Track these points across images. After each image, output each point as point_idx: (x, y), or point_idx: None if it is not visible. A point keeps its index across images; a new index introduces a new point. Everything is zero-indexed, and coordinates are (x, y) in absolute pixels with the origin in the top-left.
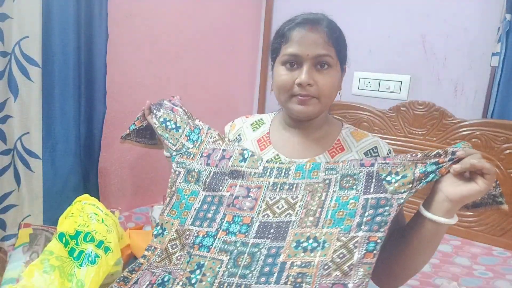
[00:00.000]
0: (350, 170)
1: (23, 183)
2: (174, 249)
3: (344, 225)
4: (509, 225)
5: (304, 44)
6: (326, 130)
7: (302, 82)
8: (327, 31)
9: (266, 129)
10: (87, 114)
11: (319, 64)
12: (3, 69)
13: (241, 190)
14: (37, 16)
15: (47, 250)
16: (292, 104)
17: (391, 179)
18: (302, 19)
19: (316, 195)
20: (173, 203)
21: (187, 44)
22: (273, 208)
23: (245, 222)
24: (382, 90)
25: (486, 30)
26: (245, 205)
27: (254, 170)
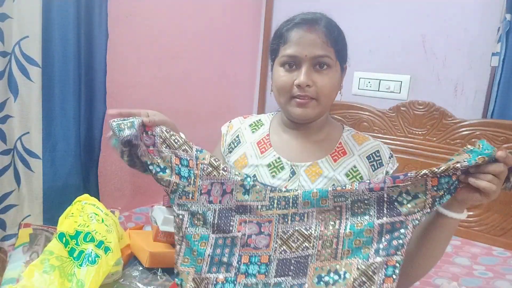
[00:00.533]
0: (359, 196)
1: (23, 183)
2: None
3: (363, 253)
4: (509, 225)
5: (302, 45)
6: (327, 132)
7: (300, 83)
8: (325, 31)
9: (266, 130)
10: (87, 114)
11: (318, 64)
12: (3, 69)
13: (252, 227)
14: (37, 16)
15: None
16: (291, 107)
17: (403, 200)
18: (300, 19)
19: (329, 223)
20: (184, 251)
21: (187, 44)
22: (288, 243)
23: (263, 261)
24: (382, 90)
25: (486, 30)
26: (260, 243)
27: (261, 203)
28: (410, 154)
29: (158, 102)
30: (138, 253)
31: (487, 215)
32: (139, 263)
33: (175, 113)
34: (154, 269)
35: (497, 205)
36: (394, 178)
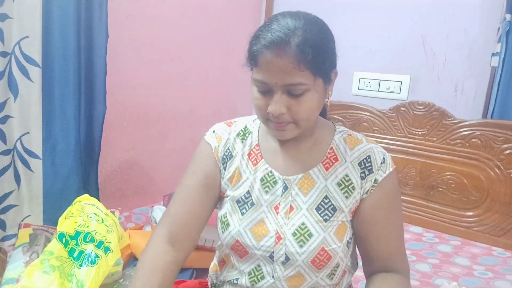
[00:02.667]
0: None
1: (23, 183)
2: None
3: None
4: (509, 225)
5: (272, 72)
6: (318, 136)
7: (272, 112)
8: (297, 54)
9: (255, 139)
10: (87, 114)
11: (291, 91)
12: (3, 69)
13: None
14: (37, 16)
15: (47, 250)
16: (270, 128)
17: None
18: (268, 41)
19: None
20: None
21: (187, 44)
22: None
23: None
24: (382, 90)
25: (486, 30)
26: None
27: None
28: (410, 154)
29: (158, 102)
30: (138, 253)
31: (487, 215)
32: None
33: (175, 113)
34: None
35: (497, 205)
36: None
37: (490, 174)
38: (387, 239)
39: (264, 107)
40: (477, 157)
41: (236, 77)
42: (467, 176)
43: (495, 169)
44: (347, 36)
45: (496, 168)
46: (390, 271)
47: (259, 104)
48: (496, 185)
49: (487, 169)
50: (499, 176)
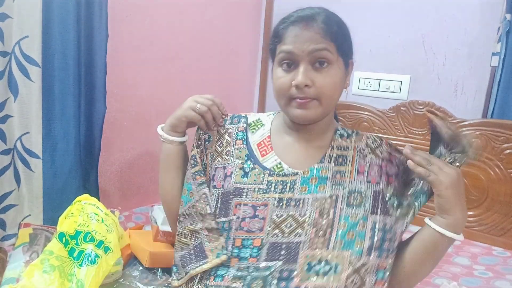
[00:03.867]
0: (357, 187)
1: (23, 183)
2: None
3: (355, 248)
4: (509, 225)
5: (299, 42)
6: (331, 136)
7: (298, 83)
8: (323, 27)
9: (267, 132)
10: (87, 114)
11: (317, 62)
12: (3, 69)
13: (247, 209)
14: (37, 16)
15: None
16: (292, 108)
17: (394, 202)
18: (295, 17)
19: (324, 212)
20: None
21: (187, 44)
22: (281, 227)
23: (256, 244)
24: (382, 90)
25: (486, 30)
26: (254, 227)
27: (258, 185)
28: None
29: (158, 102)
30: (138, 253)
31: (487, 215)
32: (139, 263)
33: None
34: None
35: (497, 205)
36: (388, 176)
37: (490, 173)
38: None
39: (288, 84)
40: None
41: (236, 77)
42: (467, 176)
43: (495, 169)
44: None
45: (496, 167)
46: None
47: (284, 81)
48: (496, 184)
49: (487, 168)
50: (499, 175)
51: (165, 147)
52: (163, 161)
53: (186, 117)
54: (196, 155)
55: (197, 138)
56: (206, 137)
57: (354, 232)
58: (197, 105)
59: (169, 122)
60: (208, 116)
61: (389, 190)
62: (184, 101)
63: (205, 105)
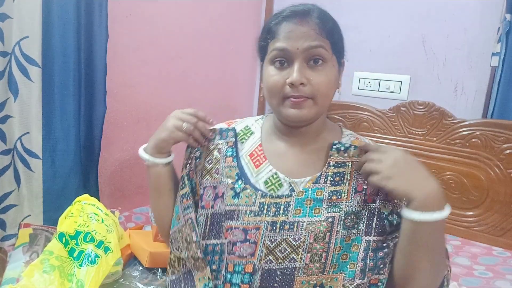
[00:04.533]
0: (354, 207)
1: (23, 183)
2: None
3: (348, 270)
4: (509, 225)
5: (293, 38)
6: (325, 138)
7: (293, 81)
8: (318, 23)
9: (257, 139)
10: (87, 114)
11: (312, 59)
12: (3, 69)
13: (238, 233)
14: (37, 16)
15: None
16: (285, 108)
17: (392, 220)
18: (289, 12)
19: (320, 236)
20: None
21: (187, 44)
22: (275, 253)
23: (247, 270)
24: (382, 90)
25: (486, 30)
26: (245, 252)
27: (250, 208)
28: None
29: (158, 102)
30: (138, 253)
31: (487, 215)
32: (139, 263)
33: None
34: (154, 269)
35: (497, 205)
36: (385, 193)
37: (490, 174)
38: None
39: (282, 82)
40: (477, 157)
41: (236, 77)
42: (467, 176)
43: (495, 169)
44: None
45: (496, 168)
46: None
47: (276, 80)
48: (496, 185)
49: (487, 169)
50: (499, 176)
51: (152, 171)
52: (153, 186)
53: (173, 138)
54: (185, 176)
55: (186, 157)
56: (197, 154)
57: (348, 254)
58: (183, 123)
59: (154, 144)
60: (196, 133)
61: (387, 207)
62: (166, 120)
63: (191, 123)
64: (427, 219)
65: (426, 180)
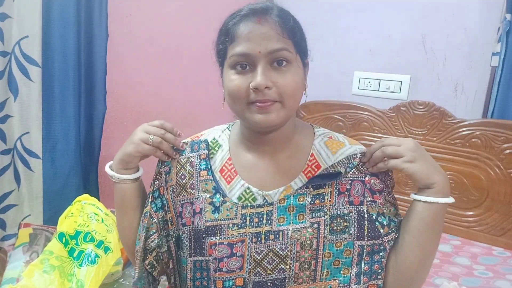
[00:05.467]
0: (339, 210)
1: (23, 183)
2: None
3: (343, 276)
4: (509, 225)
5: (254, 40)
6: (297, 143)
7: (257, 85)
8: (279, 21)
9: (226, 153)
10: (87, 114)
11: (275, 61)
12: (3, 69)
13: (223, 249)
14: (37, 16)
15: (47, 250)
16: (251, 114)
17: (382, 221)
18: (247, 10)
19: (306, 243)
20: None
21: (187, 43)
22: (263, 264)
23: (238, 284)
24: (382, 90)
25: (486, 30)
26: (233, 266)
27: (232, 221)
28: None
29: (158, 102)
30: None
31: (487, 215)
32: None
33: (174, 113)
34: None
35: (497, 205)
36: (372, 193)
37: (490, 173)
38: None
39: (245, 87)
40: (477, 157)
41: None
42: (467, 176)
43: (495, 169)
44: (347, 36)
45: (496, 167)
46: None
47: (238, 85)
48: (496, 184)
49: (487, 168)
50: (499, 175)
51: (118, 187)
52: (118, 203)
53: (140, 152)
54: (151, 193)
55: (156, 173)
56: (166, 169)
57: (340, 260)
58: (150, 136)
59: (119, 159)
60: (164, 146)
61: (373, 208)
62: (132, 134)
63: (158, 135)
64: (447, 201)
65: (439, 168)
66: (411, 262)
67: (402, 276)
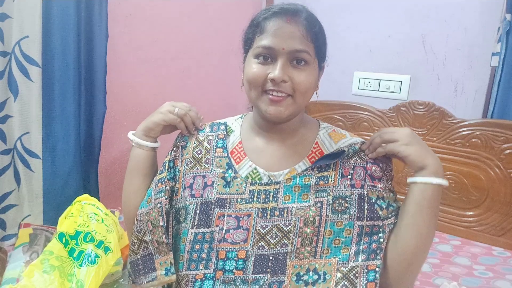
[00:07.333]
0: (341, 192)
1: (23, 183)
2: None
3: (342, 254)
4: (509, 225)
5: (280, 37)
6: (303, 133)
7: (275, 77)
8: (306, 24)
9: (237, 137)
10: (87, 114)
11: (295, 60)
12: (3, 69)
13: (230, 221)
14: (37, 16)
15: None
16: (263, 104)
17: (381, 204)
18: (279, 9)
19: (309, 220)
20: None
21: (187, 44)
22: (266, 238)
23: (240, 256)
24: (382, 90)
25: (486, 30)
26: (238, 238)
27: (241, 196)
28: None
29: (158, 102)
30: None
31: (487, 215)
32: None
33: None
34: None
35: (497, 205)
36: (373, 179)
37: (490, 174)
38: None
39: (263, 76)
40: (477, 157)
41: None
42: (467, 176)
43: (495, 169)
44: (347, 36)
45: (496, 167)
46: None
47: (257, 73)
48: (496, 184)
49: (487, 168)
50: (499, 175)
51: (135, 152)
52: (131, 167)
53: (165, 120)
54: (167, 162)
55: (174, 145)
56: (183, 144)
57: (340, 239)
58: (175, 108)
59: (144, 126)
60: (187, 119)
61: (373, 193)
62: (159, 107)
63: (183, 109)
64: (440, 183)
65: (432, 153)
66: (408, 243)
67: (400, 257)
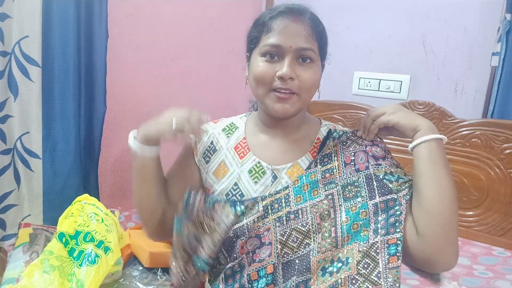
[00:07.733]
0: (348, 179)
1: (23, 183)
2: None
3: (362, 236)
4: (509, 225)
5: (287, 35)
6: (306, 129)
7: (283, 75)
8: (311, 23)
9: (241, 134)
10: (87, 114)
11: (301, 58)
12: (3, 69)
13: (253, 241)
14: (37, 16)
15: (47, 250)
16: (270, 101)
17: (390, 178)
18: (285, 8)
19: (324, 213)
20: None
21: (187, 44)
22: (288, 244)
23: (269, 272)
24: (382, 90)
25: (486, 30)
26: (264, 254)
27: (256, 215)
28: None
29: (158, 102)
30: (138, 253)
31: (487, 215)
32: (139, 263)
33: None
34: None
35: (497, 205)
36: (376, 159)
37: (490, 173)
38: None
39: (271, 74)
40: (477, 157)
41: (236, 77)
42: (467, 176)
43: (495, 169)
44: (347, 36)
45: (496, 167)
46: None
47: (265, 71)
48: (496, 184)
49: (487, 168)
50: (499, 175)
51: (138, 159)
52: (139, 174)
53: (162, 134)
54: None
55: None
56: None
57: (358, 223)
58: (173, 123)
59: (143, 135)
60: (186, 129)
61: (379, 170)
62: (161, 115)
63: (181, 123)
64: (439, 137)
65: (420, 115)
66: (434, 202)
67: (431, 220)
